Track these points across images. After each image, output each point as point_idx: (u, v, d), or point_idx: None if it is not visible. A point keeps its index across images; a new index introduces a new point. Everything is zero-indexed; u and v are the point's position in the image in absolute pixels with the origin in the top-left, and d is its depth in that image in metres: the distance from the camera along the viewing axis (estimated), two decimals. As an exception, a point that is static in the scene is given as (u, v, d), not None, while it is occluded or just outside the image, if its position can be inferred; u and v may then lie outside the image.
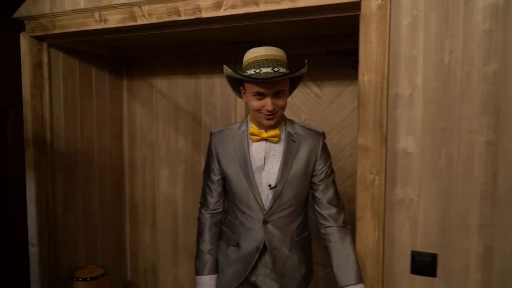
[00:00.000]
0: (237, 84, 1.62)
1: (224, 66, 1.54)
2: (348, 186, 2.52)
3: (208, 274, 1.74)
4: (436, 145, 1.48)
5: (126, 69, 2.90)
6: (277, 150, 1.62)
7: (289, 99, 1.71)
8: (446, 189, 1.47)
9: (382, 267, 1.57)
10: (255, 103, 1.52)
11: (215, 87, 2.63)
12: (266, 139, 1.61)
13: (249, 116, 1.68)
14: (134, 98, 2.89)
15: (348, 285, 1.50)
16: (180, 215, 2.79)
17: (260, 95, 1.50)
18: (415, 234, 1.53)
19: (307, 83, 2.57)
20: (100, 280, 2.42)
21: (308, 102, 2.59)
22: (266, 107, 1.50)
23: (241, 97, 1.66)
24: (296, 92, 2.11)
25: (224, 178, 1.73)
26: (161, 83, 2.80)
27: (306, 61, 1.55)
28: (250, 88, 1.52)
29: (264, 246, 1.63)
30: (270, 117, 1.53)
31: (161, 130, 2.82)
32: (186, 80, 2.72)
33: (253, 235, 1.64)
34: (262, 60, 1.48)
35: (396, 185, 1.55)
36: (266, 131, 1.61)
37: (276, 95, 1.51)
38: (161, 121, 2.82)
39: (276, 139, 1.60)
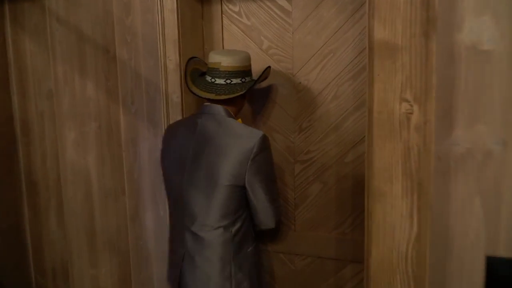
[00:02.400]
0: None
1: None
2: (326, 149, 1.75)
3: None
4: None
5: (6, -14, 1.98)
6: None
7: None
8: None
9: None
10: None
11: (133, 1, 1.76)
12: None
13: (224, 111, 1.49)
14: (22, 28, 1.98)
15: None
16: (95, 193, 1.96)
17: None
18: (494, 225, 0.77)
19: (269, -9, 1.75)
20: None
21: (272, 22, 1.78)
22: None
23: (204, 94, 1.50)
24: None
25: None
26: (56, 2, 1.90)
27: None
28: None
29: None
30: None
31: (61, 72, 1.94)
32: (93, -3, 1.83)
33: None
34: (208, 68, 1.52)
35: (456, 123, 0.78)
36: None
37: None
38: (60, 59, 1.93)
39: None
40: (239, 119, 1.55)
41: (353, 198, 1.77)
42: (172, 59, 1.68)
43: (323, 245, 1.81)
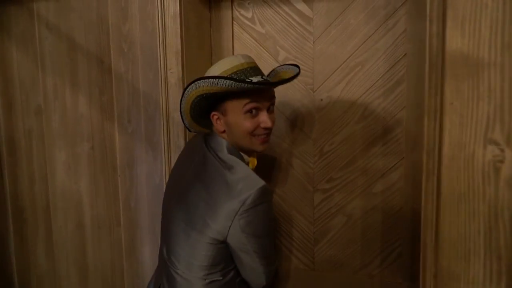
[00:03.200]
0: (208, 107, 1.19)
1: (209, 80, 1.06)
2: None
3: None
4: None
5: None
6: None
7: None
8: None
9: None
10: (249, 123, 1.12)
11: (130, 6, 1.54)
12: None
13: (226, 146, 1.18)
14: (8, 35, 1.77)
15: None
16: (88, 223, 1.73)
17: (254, 111, 1.12)
18: None
19: (287, -6, 1.53)
20: None
21: (290, 30, 1.55)
22: (264, 124, 1.13)
23: (200, 128, 1.26)
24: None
25: None
26: (46, 7, 1.68)
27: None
28: (239, 105, 1.11)
29: None
30: (267, 138, 1.18)
31: (51, 85, 1.72)
32: None
33: None
34: (246, 68, 1.12)
35: None
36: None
37: (268, 109, 1.15)
38: (50, 70, 1.71)
39: None
40: (254, 157, 1.24)
41: (383, 234, 1.53)
42: (174, 71, 1.45)
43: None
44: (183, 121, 1.23)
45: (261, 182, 1.07)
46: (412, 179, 1.45)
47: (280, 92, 1.54)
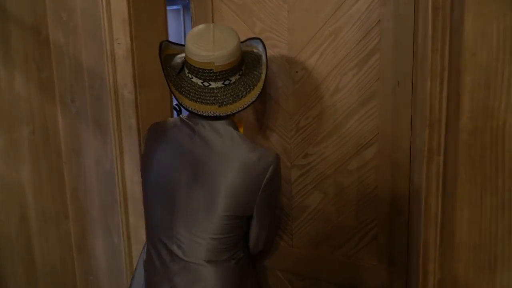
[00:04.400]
0: None
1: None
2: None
3: None
4: None
5: None
6: None
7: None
8: None
9: None
10: None
11: (67, -33, 1.34)
12: None
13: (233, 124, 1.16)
14: None
15: None
16: (33, 215, 1.54)
17: None
18: None
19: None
20: None
21: (266, 0, 1.41)
22: None
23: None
24: None
25: None
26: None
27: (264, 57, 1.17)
28: None
29: None
30: None
31: (-18, 62, 1.50)
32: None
33: None
34: (205, 69, 1.09)
35: None
36: None
37: None
38: (-21, 44, 1.49)
39: None
40: (241, 127, 1.22)
41: (358, 214, 1.44)
42: (122, 42, 1.27)
43: (323, 267, 1.50)
44: (179, 103, 1.13)
45: (274, 153, 1.13)
46: (389, 156, 1.33)
47: None
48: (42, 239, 1.54)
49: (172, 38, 1.37)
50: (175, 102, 1.48)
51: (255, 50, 1.23)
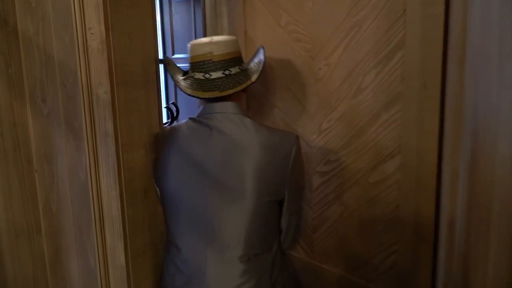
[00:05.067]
0: None
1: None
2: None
3: None
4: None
5: None
6: None
7: None
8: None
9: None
10: None
11: None
12: None
13: (240, 109, 1.20)
14: None
15: None
16: (3, 228, 1.36)
17: None
18: None
19: None
20: None
21: None
22: None
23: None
24: None
25: None
26: None
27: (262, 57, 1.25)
28: None
29: None
30: None
31: None
32: None
33: None
34: (204, 61, 1.19)
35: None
36: None
37: None
38: None
39: None
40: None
41: (378, 234, 1.28)
42: (96, 32, 1.07)
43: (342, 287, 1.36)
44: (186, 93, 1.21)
45: (292, 132, 1.19)
46: (413, 172, 1.11)
47: (280, 58, 1.41)
48: (14, 255, 1.36)
49: (180, 33, 1.38)
50: (165, 105, 1.45)
51: (255, 60, 1.29)
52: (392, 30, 1.09)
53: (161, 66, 1.45)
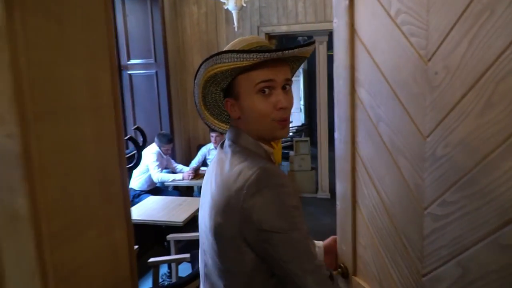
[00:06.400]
0: (221, 90, 1.14)
1: (216, 56, 1.01)
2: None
3: None
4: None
5: None
6: None
7: None
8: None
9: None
10: (262, 104, 1.05)
11: None
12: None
13: (232, 135, 1.12)
14: None
15: None
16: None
17: (266, 90, 1.05)
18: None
19: None
20: None
21: None
22: (279, 104, 1.05)
23: (218, 123, 1.21)
24: None
25: None
26: None
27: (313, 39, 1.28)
28: (251, 84, 1.05)
29: None
30: (286, 123, 1.09)
31: None
32: None
33: None
34: (257, 47, 1.09)
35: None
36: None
37: (284, 88, 1.08)
38: None
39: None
40: (278, 151, 1.14)
41: None
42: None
43: None
44: (200, 115, 1.15)
45: (256, 166, 0.96)
46: None
47: (390, 58, 1.13)
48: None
49: (135, 35, 0.87)
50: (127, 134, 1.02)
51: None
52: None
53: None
